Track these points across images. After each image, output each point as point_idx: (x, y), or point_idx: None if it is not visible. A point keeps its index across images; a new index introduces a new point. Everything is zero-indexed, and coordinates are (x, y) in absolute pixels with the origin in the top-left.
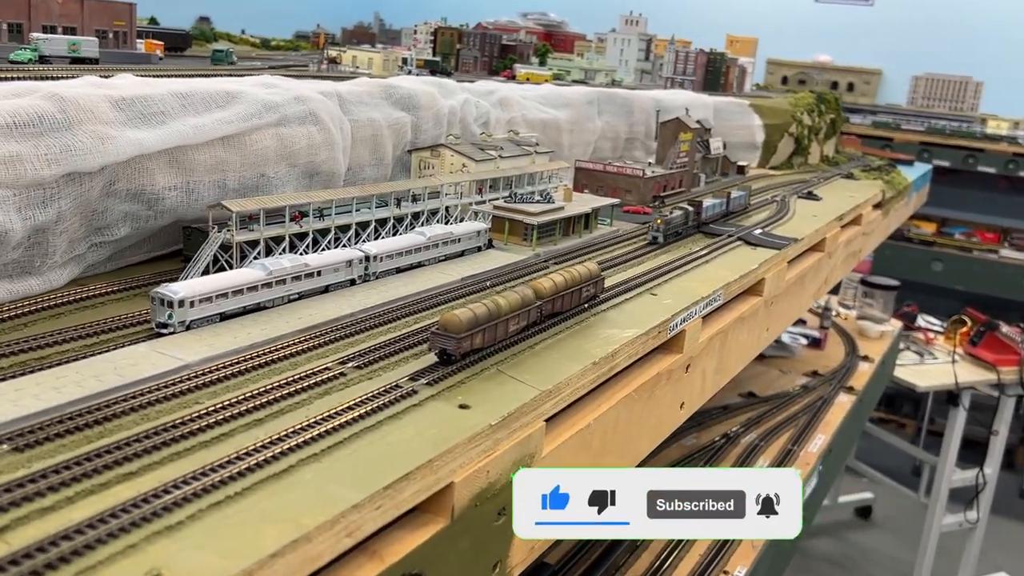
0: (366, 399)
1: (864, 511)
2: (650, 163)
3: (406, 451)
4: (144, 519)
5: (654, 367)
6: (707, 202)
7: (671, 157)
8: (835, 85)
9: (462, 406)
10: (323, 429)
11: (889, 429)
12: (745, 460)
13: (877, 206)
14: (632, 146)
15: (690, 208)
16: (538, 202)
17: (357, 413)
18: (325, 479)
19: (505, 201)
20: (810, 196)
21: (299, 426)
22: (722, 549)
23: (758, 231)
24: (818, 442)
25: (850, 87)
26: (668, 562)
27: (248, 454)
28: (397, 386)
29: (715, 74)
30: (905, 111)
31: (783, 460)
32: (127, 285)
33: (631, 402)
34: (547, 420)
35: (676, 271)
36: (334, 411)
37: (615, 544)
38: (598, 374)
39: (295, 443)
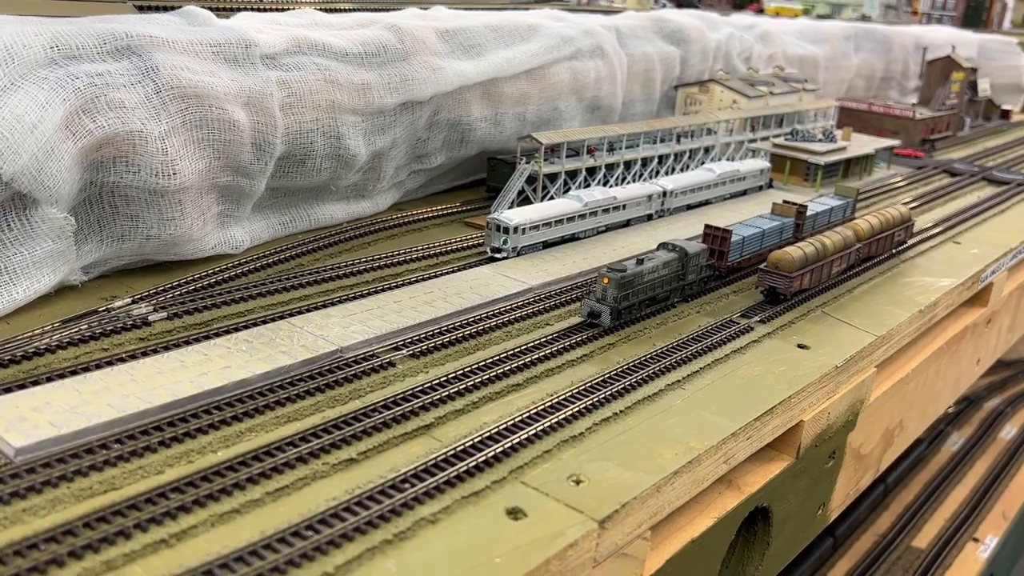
0: (706, 332)
1: None
2: (914, 104)
3: (761, 386)
4: (552, 428)
5: (961, 320)
6: (737, 232)
7: (939, 98)
8: None
9: (800, 346)
10: (677, 358)
11: None
12: (990, 426)
13: None
14: (887, 85)
15: (675, 252)
16: (820, 141)
17: (703, 345)
18: (694, 406)
19: (785, 139)
20: None
21: (652, 354)
22: (971, 516)
23: None
24: None
25: None
26: (912, 522)
27: (618, 375)
28: (732, 321)
29: (977, 9)
30: None
31: None
32: (441, 212)
33: (941, 355)
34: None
35: (975, 218)
36: (679, 342)
37: (858, 500)
38: (922, 323)
39: (657, 369)
